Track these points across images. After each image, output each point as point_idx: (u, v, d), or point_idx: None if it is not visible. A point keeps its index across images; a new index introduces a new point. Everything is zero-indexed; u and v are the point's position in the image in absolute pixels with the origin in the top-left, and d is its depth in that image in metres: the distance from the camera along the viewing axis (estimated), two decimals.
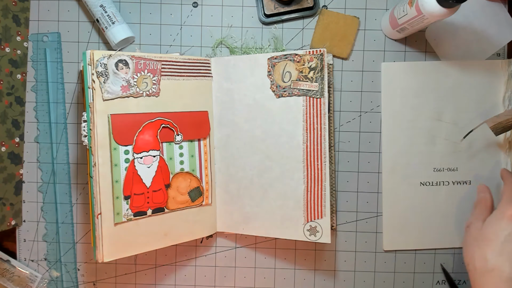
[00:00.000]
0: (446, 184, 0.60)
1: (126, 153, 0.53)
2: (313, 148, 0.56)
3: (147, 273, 0.62)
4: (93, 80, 0.51)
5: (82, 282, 0.62)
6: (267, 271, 0.62)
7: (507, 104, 0.59)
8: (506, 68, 0.59)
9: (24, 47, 0.60)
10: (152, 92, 0.54)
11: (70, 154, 0.61)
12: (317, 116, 0.55)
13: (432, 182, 0.60)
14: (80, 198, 0.61)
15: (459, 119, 0.60)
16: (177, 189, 0.56)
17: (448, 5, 0.47)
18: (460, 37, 0.60)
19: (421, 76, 0.60)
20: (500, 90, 0.60)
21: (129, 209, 0.53)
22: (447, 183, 0.60)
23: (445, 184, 0.60)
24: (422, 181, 0.61)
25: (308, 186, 0.56)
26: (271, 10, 0.59)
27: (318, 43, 0.60)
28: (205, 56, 0.60)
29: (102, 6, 0.57)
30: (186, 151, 0.57)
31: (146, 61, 0.54)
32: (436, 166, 0.60)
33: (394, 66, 0.60)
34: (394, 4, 0.57)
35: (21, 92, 0.60)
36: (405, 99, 0.60)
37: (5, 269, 0.61)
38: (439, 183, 0.60)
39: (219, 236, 0.62)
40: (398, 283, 0.62)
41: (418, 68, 0.60)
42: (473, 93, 0.60)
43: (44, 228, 0.61)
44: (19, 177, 0.61)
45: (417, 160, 0.60)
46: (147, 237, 0.55)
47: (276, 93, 0.56)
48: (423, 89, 0.60)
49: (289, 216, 0.57)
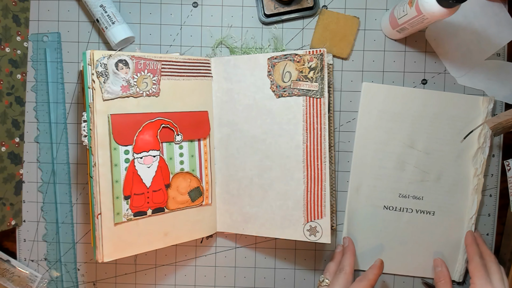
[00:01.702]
0: (410, 211, 0.60)
1: (126, 153, 0.53)
2: (313, 148, 0.56)
3: (147, 273, 0.62)
4: (93, 80, 0.51)
5: (82, 282, 0.62)
6: (267, 271, 0.62)
7: (481, 142, 0.59)
8: (487, 105, 0.59)
9: (24, 47, 0.60)
10: (152, 92, 0.54)
11: (70, 154, 0.61)
12: (317, 116, 0.55)
13: (396, 207, 0.60)
14: (80, 198, 0.61)
15: (431, 149, 0.59)
16: (177, 189, 0.56)
17: (448, 5, 0.47)
18: (460, 37, 0.60)
19: (400, 101, 0.59)
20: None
21: (129, 209, 0.53)
22: (410, 210, 0.60)
23: (409, 211, 0.60)
24: (386, 205, 0.60)
25: (308, 186, 0.56)
26: (271, 10, 0.59)
27: (318, 43, 0.60)
28: (205, 56, 0.60)
29: (102, 6, 0.57)
30: (186, 151, 0.57)
31: (146, 61, 0.54)
32: (402, 192, 0.60)
33: (374, 87, 0.59)
34: (394, 4, 0.57)
35: (21, 92, 0.60)
36: (380, 121, 0.59)
37: (5, 269, 0.61)
38: (403, 209, 0.60)
39: (219, 236, 0.62)
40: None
41: (398, 92, 0.59)
42: (450, 125, 0.59)
43: (44, 228, 0.61)
44: (19, 177, 0.61)
45: (384, 183, 0.60)
46: (147, 237, 0.55)
47: (276, 93, 0.56)
48: (400, 114, 0.59)
49: (289, 216, 0.57)
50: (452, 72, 0.60)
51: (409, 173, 0.60)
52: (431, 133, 0.59)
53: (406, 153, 0.60)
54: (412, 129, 0.59)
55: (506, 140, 0.61)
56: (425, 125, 0.59)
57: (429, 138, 0.59)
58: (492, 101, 0.59)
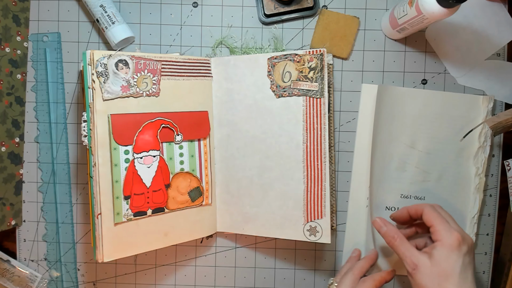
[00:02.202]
0: None
1: (126, 153, 0.53)
2: (313, 148, 0.56)
3: (147, 273, 0.62)
4: (93, 80, 0.51)
5: (82, 282, 0.62)
6: (267, 271, 0.62)
7: (482, 141, 0.59)
8: (487, 105, 0.59)
9: (24, 47, 0.60)
10: (152, 92, 0.54)
11: (70, 154, 0.61)
12: (317, 116, 0.55)
13: (398, 208, 0.60)
14: (80, 198, 0.61)
15: (432, 149, 0.59)
16: (177, 189, 0.56)
17: (448, 5, 0.47)
18: (460, 37, 0.60)
19: (400, 101, 0.59)
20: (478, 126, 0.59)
21: (129, 209, 0.53)
22: None
23: None
24: (388, 206, 0.60)
25: (308, 186, 0.56)
26: (271, 10, 0.59)
27: (318, 43, 0.60)
28: (205, 56, 0.60)
29: (102, 6, 0.57)
30: (186, 151, 0.57)
31: (146, 61, 0.54)
32: (404, 192, 0.60)
33: (374, 88, 0.59)
34: (394, 4, 0.57)
35: (21, 92, 0.60)
36: (380, 121, 0.59)
37: (5, 269, 0.61)
38: None
39: (219, 236, 0.62)
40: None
41: (398, 92, 0.59)
42: (450, 125, 0.59)
43: (44, 228, 0.61)
44: (19, 177, 0.61)
45: (386, 183, 0.60)
46: (147, 237, 0.55)
47: (276, 93, 0.56)
48: (400, 115, 0.59)
49: (289, 216, 0.57)
50: (452, 72, 0.60)
51: (411, 174, 0.60)
52: (432, 133, 0.59)
53: (407, 153, 0.60)
54: (413, 129, 0.59)
55: (506, 140, 0.61)
56: (426, 125, 0.59)
57: (429, 138, 0.59)
58: (492, 100, 0.59)
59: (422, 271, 0.48)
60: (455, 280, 0.47)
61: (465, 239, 0.49)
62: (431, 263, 0.48)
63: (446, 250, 0.48)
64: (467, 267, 0.48)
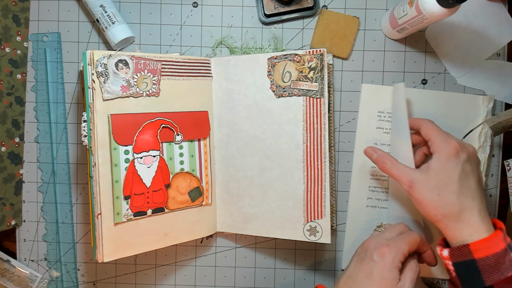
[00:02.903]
0: None
1: (126, 153, 0.53)
2: (313, 148, 0.56)
3: (147, 273, 0.62)
4: (93, 80, 0.51)
5: (82, 282, 0.62)
6: (267, 271, 0.62)
7: (482, 141, 0.59)
8: (487, 104, 0.59)
9: (24, 47, 0.60)
10: (152, 92, 0.54)
11: (70, 154, 0.61)
12: (317, 116, 0.55)
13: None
14: (80, 198, 0.61)
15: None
16: (177, 189, 0.56)
17: (448, 5, 0.47)
18: (460, 37, 0.60)
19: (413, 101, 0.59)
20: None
21: (129, 209, 0.53)
22: None
23: None
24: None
25: (308, 186, 0.56)
26: (271, 10, 0.59)
27: (318, 43, 0.60)
28: (205, 56, 0.60)
29: (102, 6, 0.57)
30: (186, 151, 0.57)
31: (146, 61, 0.54)
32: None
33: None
34: (394, 4, 0.57)
35: (21, 92, 0.60)
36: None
37: (5, 269, 0.61)
38: None
39: (219, 236, 0.62)
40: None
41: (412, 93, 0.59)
42: (450, 125, 0.58)
43: (44, 228, 0.61)
44: (19, 177, 0.61)
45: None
46: (147, 237, 0.55)
47: (276, 93, 0.57)
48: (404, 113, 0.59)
49: (289, 216, 0.57)
50: (452, 72, 0.60)
51: None
52: None
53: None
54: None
55: (506, 140, 0.61)
56: None
57: None
58: (492, 100, 0.59)
59: (418, 186, 0.48)
60: (454, 188, 0.46)
61: (464, 146, 0.48)
62: (429, 175, 0.47)
63: (443, 159, 0.47)
64: (468, 175, 0.47)
